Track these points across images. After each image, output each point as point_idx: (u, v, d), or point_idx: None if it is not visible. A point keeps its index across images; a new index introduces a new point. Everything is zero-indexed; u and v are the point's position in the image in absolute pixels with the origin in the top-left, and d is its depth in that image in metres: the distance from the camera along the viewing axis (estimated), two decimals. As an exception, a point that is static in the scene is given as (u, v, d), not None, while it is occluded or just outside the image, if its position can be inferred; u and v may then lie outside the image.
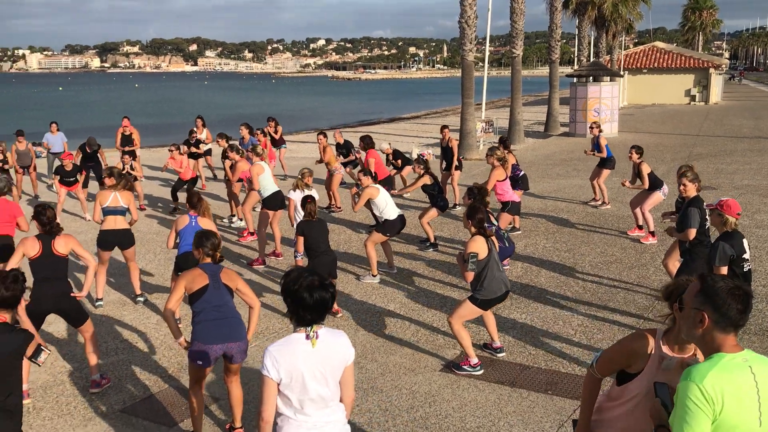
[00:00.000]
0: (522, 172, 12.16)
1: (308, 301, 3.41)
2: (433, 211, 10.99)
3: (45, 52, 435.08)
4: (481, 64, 26.79)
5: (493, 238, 6.89)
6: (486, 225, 6.84)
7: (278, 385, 3.45)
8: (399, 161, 14.71)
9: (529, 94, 58.15)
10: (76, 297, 6.55)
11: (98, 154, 15.87)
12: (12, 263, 6.47)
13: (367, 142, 13.05)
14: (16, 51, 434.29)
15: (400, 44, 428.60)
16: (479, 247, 6.59)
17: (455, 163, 14.09)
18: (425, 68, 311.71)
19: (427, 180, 10.88)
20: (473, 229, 6.74)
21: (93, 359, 6.56)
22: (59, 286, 6.46)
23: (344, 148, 15.87)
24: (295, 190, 9.81)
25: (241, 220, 13.06)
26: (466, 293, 7.71)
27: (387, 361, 7.04)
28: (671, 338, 3.17)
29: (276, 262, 10.66)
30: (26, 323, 5.81)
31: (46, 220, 6.59)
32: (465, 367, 6.73)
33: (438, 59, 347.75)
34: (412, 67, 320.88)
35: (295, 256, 9.17)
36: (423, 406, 6.11)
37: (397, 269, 10.04)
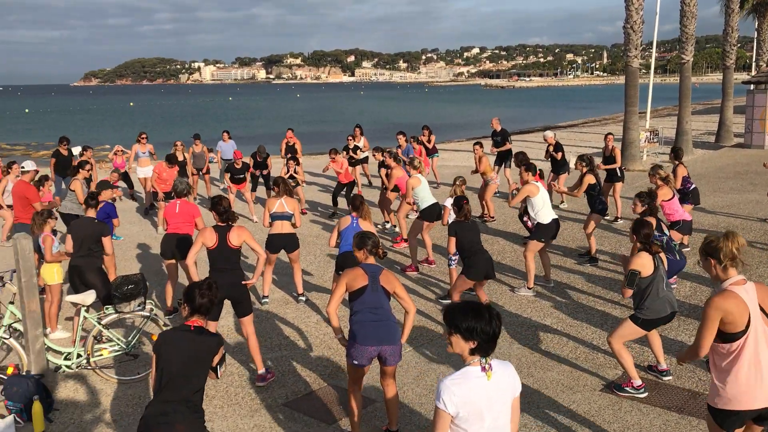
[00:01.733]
0: (693, 186, 11.40)
1: (485, 331, 3.37)
2: (595, 218, 10.58)
3: (217, 65, 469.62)
4: (645, 70, 25.47)
5: (661, 254, 6.49)
6: (655, 236, 6.46)
7: (453, 418, 3.42)
8: (559, 154, 14.34)
9: (696, 102, 54.46)
10: (246, 285, 6.96)
11: (267, 161, 16.80)
12: (192, 252, 7.02)
13: (521, 159, 12.62)
14: (192, 64, 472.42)
15: (556, 51, 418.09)
16: (643, 264, 6.23)
17: (617, 173, 13.48)
18: (583, 75, 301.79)
19: (591, 179, 10.53)
20: (638, 245, 6.41)
21: (258, 355, 6.94)
22: (233, 276, 6.89)
23: (500, 136, 15.65)
24: (451, 198, 9.85)
25: (394, 226, 13.31)
26: (628, 311, 7.36)
27: (544, 377, 6.85)
28: None
29: (429, 270, 10.74)
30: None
31: (222, 209, 7.05)
32: (627, 388, 6.40)
33: (597, 66, 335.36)
34: (569, 74, 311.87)
35: (450, 264, 9.21)
36: (582, 425, 5.87)
37: (554, 283, 9.76)
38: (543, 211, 9.42)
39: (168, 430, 4.13)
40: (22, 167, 11.37)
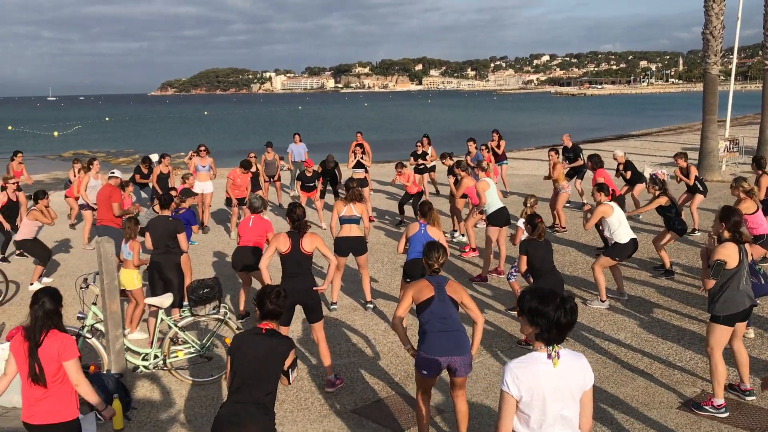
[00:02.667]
0: (778, 196, 10.88)
1: (553, 319, 3.37)
2: (670, 235, 10.23)
3: (288, 74, 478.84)
4: (724, 77, 24.55)
5: (747, 245, 6.20)
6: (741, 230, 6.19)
7: (517, 402, 3.42)
8: (629, 173, 13.97)
9: (780, 110, 52.03)
10: (317, 291, 7.05)
11: (336, 170, 17.00)
12: (265, 257, 7.18)
13: (596, 161, 12.52)
14: (264, 74, 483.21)
15: (630, 58, 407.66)
16: (729, 254, 5.98)
17: (695, 185, 13.00)
18: (657, 83, 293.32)
19: (662, 201, 10.16)
20: (726, 234, 6.14)
21: (327, 360, 7.01)
22: (304, 282, 7.00)
23: (572, 152, 15.42)
24: (523, 218, 9.62)
25: (463, 235, 13.23)
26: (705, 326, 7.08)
27: (618, 392, 6.66)
28: None
29: (497, 280, 10.62)
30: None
31: (296, 216, 7.18)
32: (707, 407, 6.15)
33: (672, 73, 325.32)
34: (643, 81, 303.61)
35: (509, 278, 9.07)
36: (658, 444, 5.68)
37: (627, 296, 9.49)
38: (620, 231, 9.13)
39: (240, 430, 4.22)
40: (112, 172, 11.85)
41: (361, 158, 16.01)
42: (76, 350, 4.59)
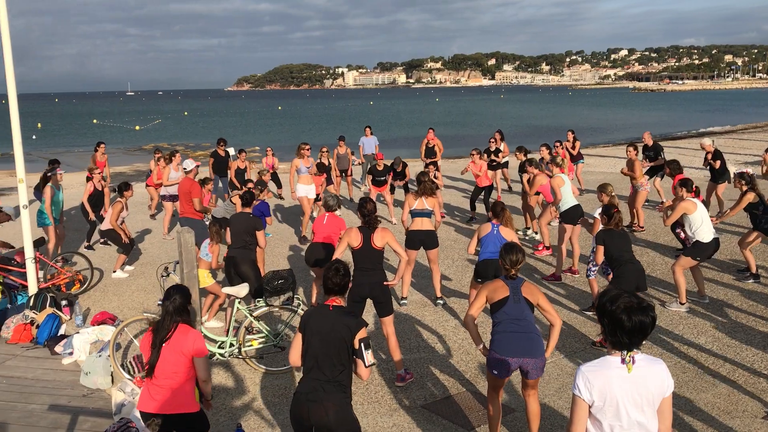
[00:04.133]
0: None
1: (626, 323, 3.28)
2: (755, 235, 9.77)
3: (360, 70, 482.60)
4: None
5: None
6: None
7: (590, 407, 3.34)
8: (717, 163, 13.45)
9: None
10: (388, 285, 7.09)
11: (405, 171, 16.97)
12: (338, 251, 7.27)
13: (674, 167, 11.84)
14: (336, 69, 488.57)
15: (713, 52, 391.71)
16: None
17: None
18: (743, 78, 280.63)
19: (750, 197, 9.71)
20: None
21: (397, 355, 7.03)
22: (375, 275, 7.05)
23: (652, 151, 14.95)
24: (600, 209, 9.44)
25: (536, 233, 13.02)
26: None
27: (697, 399, 6.42)
28: None
29: (572, 279, 10.40)
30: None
31: (366, 211, 7.23)
32: (795, 419, 5.86)
33: (760, 67, 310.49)
34: (728, 76, 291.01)
35: (588, 274, 8.85)
36: (741, 455, 5.45)
37: (709, 299, 9.13)
38: (702, 229, 8.79)
39: (318, 408, 4.30)
40: (184, 168, 12.22)
41: (434, 176, 15.51)
42: (206, 347, 4.80)
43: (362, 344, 4.38)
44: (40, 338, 8.39)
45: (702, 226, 8.77)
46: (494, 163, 16.88)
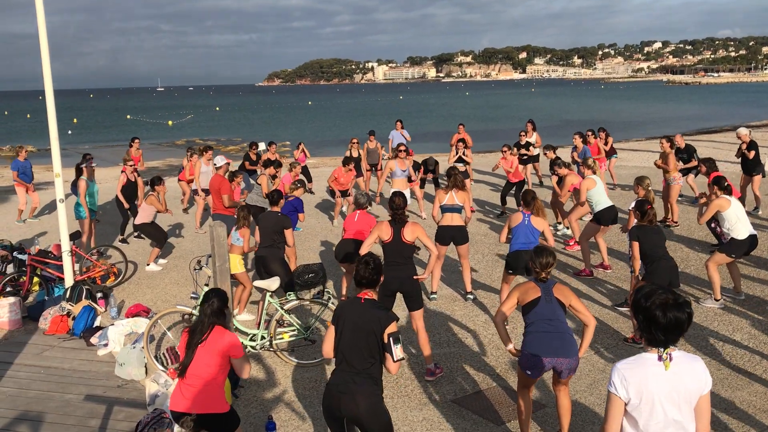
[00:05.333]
0: None
1: (661, 320, 3.22)
2: None
3: (389, 64, 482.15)
4: None
5: None
6: None
7: (625, 405, 3.30)
8: (752, 153, 13.17)
9: None
10: (418, 280, 7.09)
11: (436, 169, 16.92)
12: (366, 244, 7.30)
13: (710, 165, 11.52)
14: (366, 64, 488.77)
15: (750, 44, 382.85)
16: None
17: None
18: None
19: None
20: None
21: (427, 349, 7.03)
22: (405, 270, 7.06)
23: (685, 153, 14.74)
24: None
25: (567, 228, 12.89)
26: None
27: (732, 397, 6.32)
28: None
29: (604, 275, 10.28)
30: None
31: (395, 205, 7.25)
32: (834, 418, 5.73)
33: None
34: (765, 68, 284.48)
35: (632, 271, 8.71)
36: (778, 454, 5.35)
37: (744, 295, 8.96)
38: (737, 226, 8.61)
39: (348, 400, 4.34)
40: (215, 164, 12.35)
41: (463, 154, 15.79)
42: (242, 349, 4.90)
43: (391, 339, 4.37)
44: (76, 329, 8.57)
45: (737, 223, 8.60)
46: (525, 157, 16.73)
